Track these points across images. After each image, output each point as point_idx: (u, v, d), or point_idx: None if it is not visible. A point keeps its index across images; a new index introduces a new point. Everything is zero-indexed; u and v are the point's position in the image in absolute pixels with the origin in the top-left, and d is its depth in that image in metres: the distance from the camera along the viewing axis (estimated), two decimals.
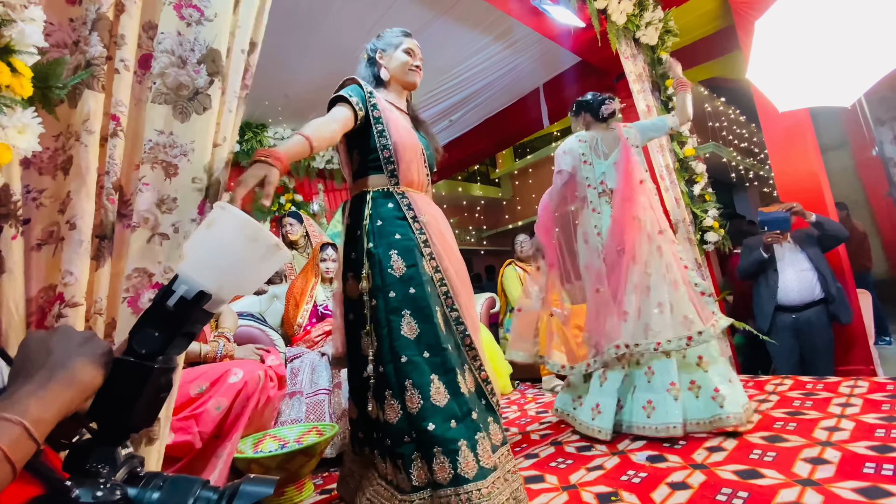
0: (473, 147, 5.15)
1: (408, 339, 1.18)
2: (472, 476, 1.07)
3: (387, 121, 1.35)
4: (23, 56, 0.72)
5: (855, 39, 2.34)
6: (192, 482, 0.54)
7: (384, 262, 1.24)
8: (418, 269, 1.25)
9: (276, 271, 3.32)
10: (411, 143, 1.38)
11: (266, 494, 0.54)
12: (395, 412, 1.16)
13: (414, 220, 1.31)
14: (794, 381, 2.41)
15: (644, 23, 3.17)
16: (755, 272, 2.88)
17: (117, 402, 0.54)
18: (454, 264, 1.35)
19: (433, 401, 1.13)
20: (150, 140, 0.90)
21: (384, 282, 1.23)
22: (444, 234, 1.38)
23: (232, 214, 0.62)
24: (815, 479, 1.26)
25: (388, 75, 1.48)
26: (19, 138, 0.70)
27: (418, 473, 1.11)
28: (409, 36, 1.51)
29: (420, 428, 1.11)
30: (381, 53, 1.49)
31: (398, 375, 1.16)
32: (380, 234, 1.28)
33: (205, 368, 1.51)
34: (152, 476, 0.55)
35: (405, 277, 1.23)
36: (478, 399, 1.24)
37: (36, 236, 0.80)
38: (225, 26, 0.98)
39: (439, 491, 1.07)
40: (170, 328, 0.57)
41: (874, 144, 5.47)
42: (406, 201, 1.33)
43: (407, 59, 1.47)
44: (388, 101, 1.45)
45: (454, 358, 1.20)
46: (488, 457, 1.13)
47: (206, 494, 0.53)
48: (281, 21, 2.95)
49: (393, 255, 1.25)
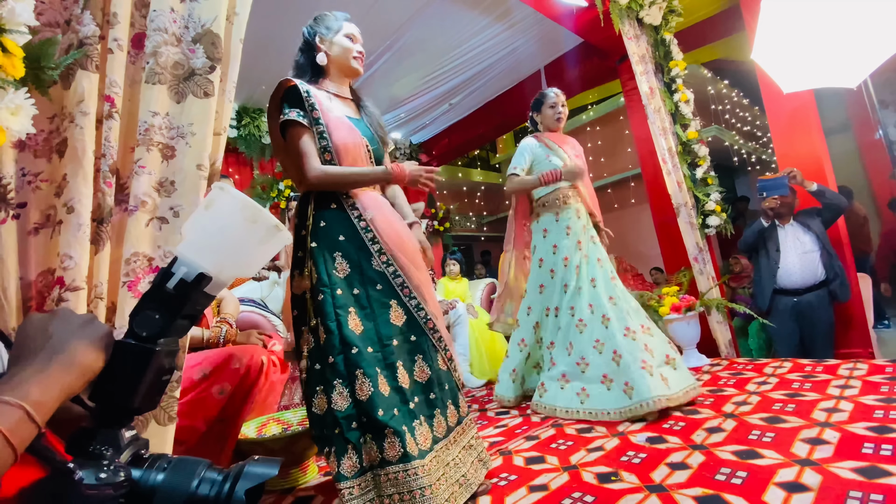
0: (473, 131, 5.10)
1: (354, 333, 1.23)
2: (416, 454, 1.15)
3: (327, 121, 1.33)
4: (13, 35, 0.71)
5: (861, 19, 2.29)
6: (196, 463, 0.54)
7: (329, 262, 1.28)
8: (362, 269, 1.30)
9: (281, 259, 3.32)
10: (353, 142, 1.36)
11: (271, 475, 0.54)
12: (344, 400, 1.19)
13: (359, 218, 1.33)
14: (793, 363, 2.42)
15: (648, 2, 3.10)
16: (754, 243, 2.89)
17: (120, 385, 0.54)
18: (409, 254, 1.37)
19: (381, 390, 1.19)
20: (145, 122, 0.89)
21: (330, 280, 1.26)
22: (394, 225, 1.38)
23: (231, 195, 0.60)
24: (813, 458, 1.27)
25: (325, 61, 1.41)
26: (12, 120, 0.68)
27: (366, 457, 1.17)
28: (349, 21, 1.46)
29: (369, 415, 1.16)
30: (321, 38, 1.42)
31: (348, 365, 1.19)
32: (324, 235, 1.30)
33: (208, 353, 1.51)
34: (156, 458, 0.55)
35: (348, 278, 1.29)
36: (422, 391, 1.30)
37: (33, 220, 0.79)
38: (222, 7, 0.96)
39: (387, 468, 1.14)
40: (170, 310, 0.57)
41: (878, 127, 5.42)
42: (350, 201, 1.34)
43: (349, 44, 1.42)
44: (328, 91, 1.41)
45: (398, 351, 1.28)
46: (425, 441, 1.22)
47: (211, 475, 0.53)
48: (277, 4, 2.90)
49: (337, 256, 1.29)
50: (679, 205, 3.01)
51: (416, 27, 3.28)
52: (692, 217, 3.04)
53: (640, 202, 6.68)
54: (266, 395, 1.68)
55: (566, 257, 2.28)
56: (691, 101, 3.20)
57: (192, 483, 0.52)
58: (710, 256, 3.08)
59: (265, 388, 1.60)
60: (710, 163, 3.20)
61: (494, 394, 2.46)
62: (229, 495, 0.51)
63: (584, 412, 1.97)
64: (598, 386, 1.98)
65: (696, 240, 3.02)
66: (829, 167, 3.02)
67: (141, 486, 0.52)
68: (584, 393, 2.01)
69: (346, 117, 1.39)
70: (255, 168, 4.46)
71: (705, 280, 2.99)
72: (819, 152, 2.99)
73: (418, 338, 1.33)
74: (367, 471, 1.16)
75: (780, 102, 3.03)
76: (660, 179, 3.13)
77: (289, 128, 1.32)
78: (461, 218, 8.99)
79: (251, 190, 4.33)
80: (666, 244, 3.57)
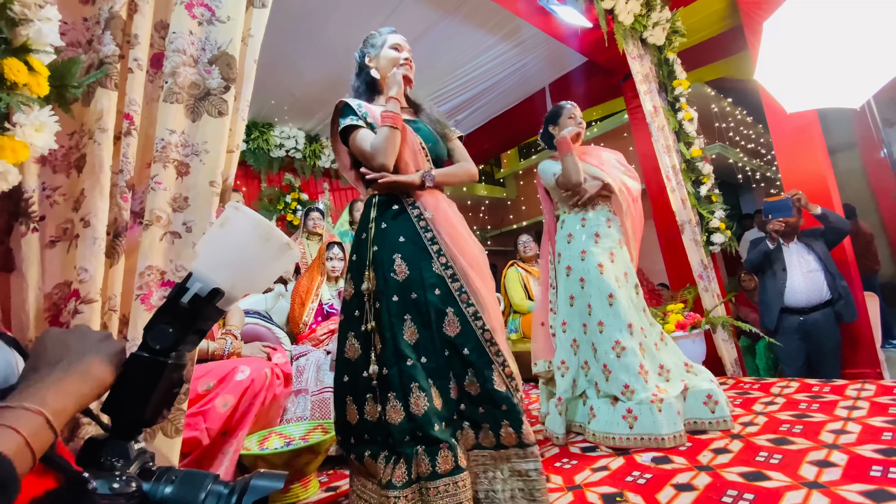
0: (479, 147, 5.15)
1: (408, 343, 1.21)
2: (464, 466, 1.15)
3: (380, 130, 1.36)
4: (39, 55, 0.73)
5: (863, 41, 2.32)
6: (203, 476, 0.55)
7: (387, 265, 1.26)
8: (421, 272, 1.26)
9: (287, 271, 3.34)
10: (409, 147, 1.37)
11: (276, 489, 0.54)
12: (398, 414, 1.17)
13: (419, 217, 1.31)
14: (800, 383, 2.39)
15: (651, 23, 3.16)
16: (760, 263, 2.89)
17: (132, 397, 0.55)
18: (468, 257, 1.31)
19: (435, 404, 1.17)
20: (162, 139, 0.92)
21: (387, 285, 1.25)
22: (456, 226, 1.34)
23: (245, 214, 0.63)
24: (821, 481, 1.25)
25: (378, 75, 1.47)
26: (36, 136, 0.71)
27: (416, 469, 1.15)
28: (393, 32, 1.50)
29: (424, 430, 1.15)
30: (369, 57, 1.48)
31: (402, 378, 1.18)
32: (383, 236, 1.30)
33: (212, 366, 1.52)
34: (164, 470, 0.56)
35: (407, 282, 1.25)
36: (471, 403, 1.23)
37: (50, 233, 0.81)
38: (237, 31, 0.99)
39: (437, 482, 1.12)
40: (183, 324, 0.58)
41: (882, 146, 5.42)
42: (410, 200, 1.34)
43: (394, 54, 1.45)
44: (383, 105, 1.44)
45: (450, 362, 1.23)
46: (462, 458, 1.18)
47: (218, 489, 0.54)
48: (288, 21, 2.97)
49: (396, 258, 1.26)
50: (683, 222, 3.02)
51: (425, 45, 3.35)
52: (696, 234, 3.04)
53: (646, 217, 6.68)
54: (269, 408, 1.68)
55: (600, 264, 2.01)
56: (695, 120, 3.23)
57: (200, 496, 0.53)
58: (714, 273, 3.08)
59: (268, 401, 1.61)
60: (714, 180, 3.21)
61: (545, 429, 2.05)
62: None
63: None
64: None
65: (700, 257, 3.01)
66: (833, 185, 3.02)
67: (150, 498, 0.53)
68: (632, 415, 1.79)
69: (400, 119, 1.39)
70: (262, 181, 4.52)
71: (710, 297, 2.98)
72: (823, 171, 3.00)
73: (471, 350, 1.22)
74: (414, 482, 1.14)
75: (784, 121, 3.05)
76: (664, 196, 3.14)
77: (349, 133, 1.37)
78: None
79: (258, 202, 4.38)
80: (671, 261, 3.57)
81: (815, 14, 2.43)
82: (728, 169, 6.64)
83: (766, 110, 3.18)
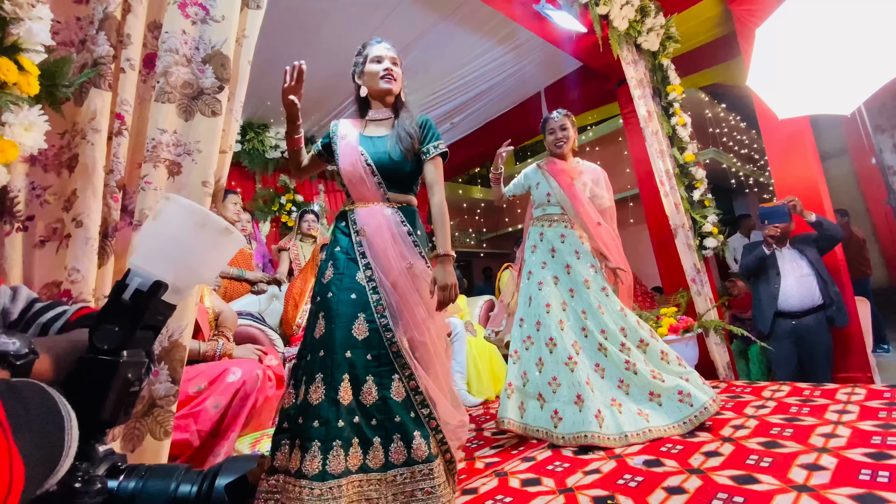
0: (474, 150, 5.16)
1: (315, 338, 1.32)
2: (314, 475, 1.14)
3: (340, 151, 1.46)
4: (30, 54, 0.73)
5: (855, 48, 2.35)
6: (173, 468, 0.55)
7: (322, 270, 1.42)
8: (342, 276, 1.36)
9: (281, 273, 3.33)
10: (352, 162, 1.43)
11: (250, 468, 0.55)
12: (290, 398, 1.29)
13: (356, 234, 1.41)
14: (791, 387, 2.41)
15: (646, 29, 3.19)
16: (755, 268, 2.92)
17: (87, 398, 0.54)
18: (391, 275, 1.36)
19: (312, 397, 1.24)
20: (153, 139, 0.91)
21: (316, 286, 1.41)
22: (386, 243, 1.38)
23: (177, 203, 0.61)
24: (810, 485, 1.26)
25: (365, 91, 1.51)
26: (25, 135, 0.70)
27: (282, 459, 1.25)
28: (378, 43, 1.51)
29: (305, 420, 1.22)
30: (358, 73, 1.52)
31: (311, 367, 1.29)
32: (330, 245, 1.46)
33: (203, 367, 1.51)
34: (132, 468, 0.55)
35: (328, 283, 1.37)
36: (362, 414, 1.25)
37: (39, 233, 0.81)
38: (232, 31, 0.99)
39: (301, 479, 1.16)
40: (130, 321, 0.57)
41: (874, 152, 5.49)
42: (353, 217, 1.44)
43: (375, 67, 1.47)
44: (370, 119, 1.53)
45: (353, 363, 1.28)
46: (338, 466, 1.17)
47: (190, 476, 0.54)
48: (285, 22, 2.97)
49: (329, 264, 1.41)
50: (676, 226, 3.04)
51: (421, 48, 3.35)
52: (690, 238, 3.06)
53: (639, 222, 6.72)
54: (261, 410, 1.67)
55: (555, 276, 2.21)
56: (688, 125, 3.26)
57: (171, 485, 0.53)
58: (707, 278, 3.09)
59: (260, 403, 1.60)
60: (708, 185, 3.24)
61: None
62: (209, 491, 0.52)
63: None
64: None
65: (693, 261, 3.03)
66: (825, 191, 3.05)
67: (121, 494, 0.52)
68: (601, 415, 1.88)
69: (356, 139, 1.47)
70: (257, 182, 4.50)
71: (703, 301, 3.00)
72: (815, 176, 3.03)
73: (374, 357, 1.29)
74: (279, 472, 1.20)
75: (777, 127, 3.08)
76: (658, 201, 3.16)
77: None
78: (461, 234, 9.03)
79: (253, 203, 4.37)
80: (664, 265, 3.59)
81: (807, 22, 2.47)
82: (722, 174, 6.70)
83: (759, 116, 3.22)
